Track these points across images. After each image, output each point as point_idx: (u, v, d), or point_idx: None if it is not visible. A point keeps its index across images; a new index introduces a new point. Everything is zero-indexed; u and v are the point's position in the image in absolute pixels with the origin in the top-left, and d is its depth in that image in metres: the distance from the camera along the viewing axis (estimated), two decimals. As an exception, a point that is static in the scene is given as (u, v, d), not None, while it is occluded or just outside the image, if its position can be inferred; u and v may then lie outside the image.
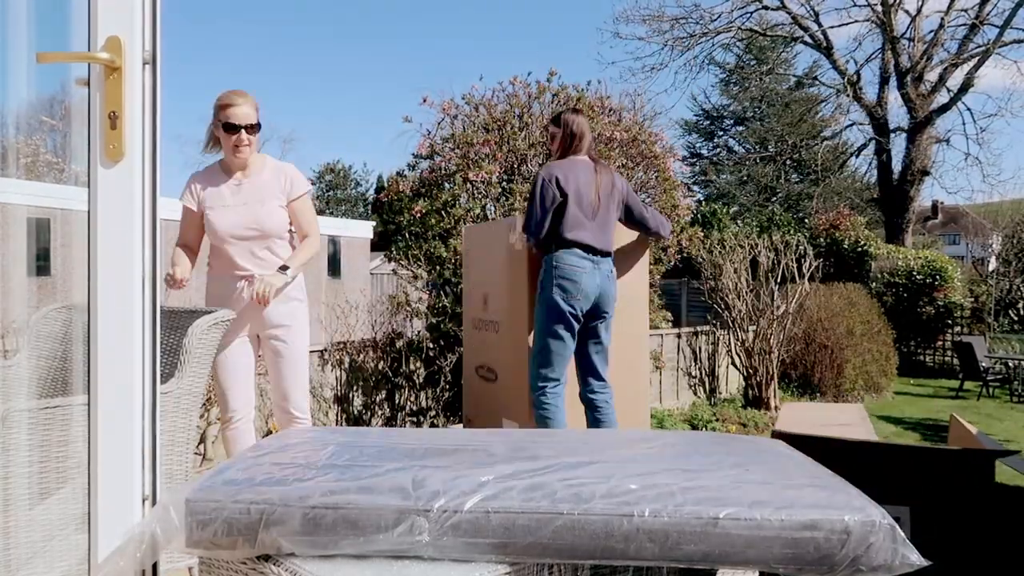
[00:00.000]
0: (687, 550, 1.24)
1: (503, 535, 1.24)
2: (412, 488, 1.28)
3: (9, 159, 1.93)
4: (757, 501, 1.27)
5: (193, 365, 2.20)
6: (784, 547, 1.22)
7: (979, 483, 2.12)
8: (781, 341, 7.53)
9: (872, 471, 2.20)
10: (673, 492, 1.30)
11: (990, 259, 18.83)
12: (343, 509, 1.24)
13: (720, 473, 1.41)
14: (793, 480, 1.38)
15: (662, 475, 1.38)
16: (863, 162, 25.03)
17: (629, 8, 33.72)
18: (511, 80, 5.95)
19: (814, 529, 1.22)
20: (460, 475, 1.34)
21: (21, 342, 2.30)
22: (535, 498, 1.27)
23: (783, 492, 1.31)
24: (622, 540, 1.24)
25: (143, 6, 1.36)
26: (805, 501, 1.27)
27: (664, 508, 1.26)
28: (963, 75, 17.60)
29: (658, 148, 6.24)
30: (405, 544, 1.22)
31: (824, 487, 1.34)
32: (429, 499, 1.25)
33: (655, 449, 1.60)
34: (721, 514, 1.25)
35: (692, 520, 1.24)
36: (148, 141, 1.39)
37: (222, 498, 1.28)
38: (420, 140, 6.13)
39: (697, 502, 1.27)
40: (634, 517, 1.25)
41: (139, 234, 1.38)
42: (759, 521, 1.23)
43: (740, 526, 1.23)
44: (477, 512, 1.24)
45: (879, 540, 1.21)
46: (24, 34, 1.57)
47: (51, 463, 1.74)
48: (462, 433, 1.80)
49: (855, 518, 1.22)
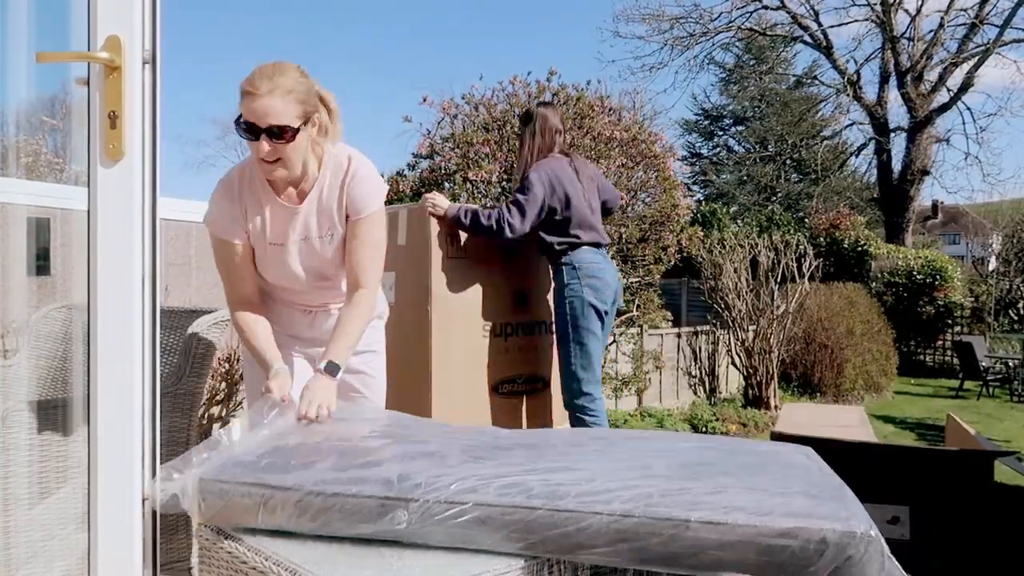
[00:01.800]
0: (658, 552, 1.23)
1: (477, 527, 1.29)
2: (397, 480, 1.36)
3: (10, 159, 1.93)
4: (734, 507, 1.26)
5: (193, 365, 2.20)
6: (759, 554, 1.21)
7: (978, 483, 2.13)
8: (781, 341, 7.53)
9: (872, 471, 2.20)
10: (651, 494, 1.30)
11: (990, 259, 18.84)
12: (332, 498, 1.33)
13: (711, 479, 1.40)
14: (787, 488, 1.36)
15: (649, 479, 1.38)
16: (863, 162, 25.06)
17: (629, 7, 33.72)
18: (511, 80, 5.95)
19: (790, 538, 1.20)
20: (445, 472, 1.39)
21: (21, 342, 2.30)
22: (511, 493, 1.31)
23: (768, 500, 1.29)
24: (593, 537, 1.25)
25: (143, 6, 1.36)
26: (785, 509, 1.25)
27: (635, 508, 1.26)
28: (963, 74, 17.61)
29: (658, 148, 6.24)
30: (384, 530, 1.32)
31: (815, 497, 1.32)
32: (409, 491, 1.33)
33: (661, 454, 1.59)
34: (693, 517, 1.23)
35: (662, 522, 1.23)
36: (148, 141, 1.39)
37: (228, 479, 1.39)
38: (420, 140, 6.13)
39: (671, 505, 1.26)
40: (603, 515, 1.25)
41: (139, 234, 1.38)
42: (731, 526, 1.22)
43: (712, 530, 1.22)
44: (454, 504, 1.30)
45: (859, 552, 1.19)
46: (24, 34, 1.57)
47: (51, 463, 1.75)
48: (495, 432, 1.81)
49: (834, 528, 1.20)
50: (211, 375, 4.33)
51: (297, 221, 1.89)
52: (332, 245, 1.93)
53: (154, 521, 1.42)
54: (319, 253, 1.93)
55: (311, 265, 1.94)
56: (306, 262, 1.93)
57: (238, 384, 4.69)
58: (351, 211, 1.91)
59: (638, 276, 6.26)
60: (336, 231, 1.92)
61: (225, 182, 1.90)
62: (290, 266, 1.92)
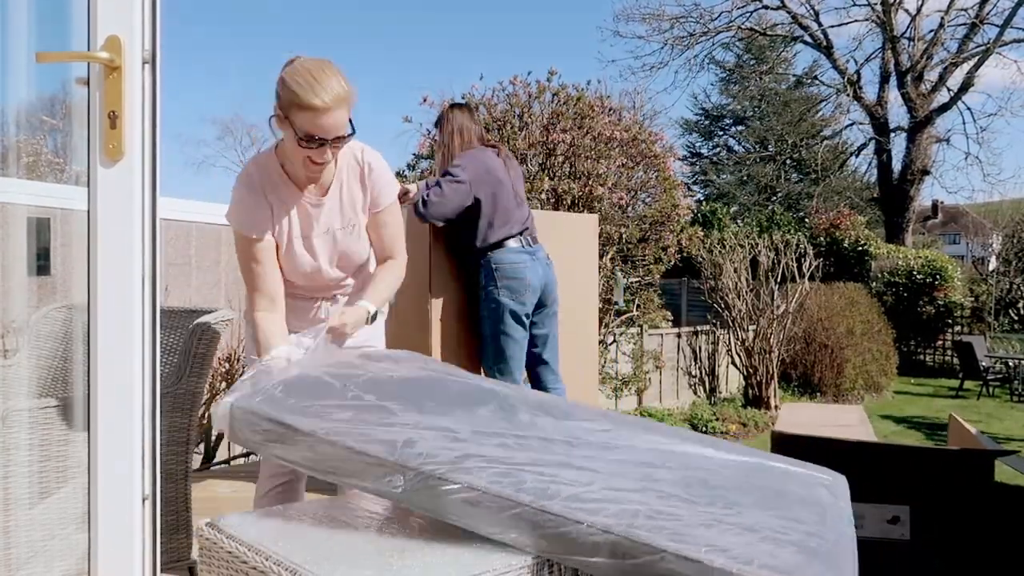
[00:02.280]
0: (630, 574, 1.21)
1: (463, 510, 1.32)
2: (400, 446, 1.40)
3: (10, 159, 1.93)
4: (717, 547, 1.21)
5: (193, 365, 2.20)
6: None
7: (979, 483, 2.13)
8: (781, 340, 7.53)
9: (872, 471, 2.20)
10: (638, 512, 1.27)
11: (990, 259, 18.83)
12: (337, 448, 1.41)
13: (709, 508, 1.34)
14: (784, 534, 1.29)
15: (646, 492, 1.35)
16: (863, 162, 25.06)
17: (629, 6, 33.69)
18: (511, 80, 5.95)
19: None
20: (448, 446, 1.41)
21: (21, 342, 2.30)
22: (502, 483, 1.32)
23: (756, 545, 1.23)
24: (570, 545, 1.25)
25: (143, 6, 1.36)
26: (770, 561, 1.19)
27: (617, 525, 1.23)
28: (963, 74, 17.63)
29: (658, 148, 6.24)
30: (382, 489, 1.38)
31: (808, 552, 1.25)
32: (409, 459, 1.37)
33: (675, 463, 1.53)
34: (670, 549, 1.20)
35: (638, 546, 1.21)
36: (148, 140, 1.39)
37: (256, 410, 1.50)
38: (420, 140, 6.13)
39: (654, 530, 1.23)
40: (583, 525, 1.24)
41: (139, 234, 1.38)
42: (706, 567, 1.17)
43: (686, 566, 1.18)
44: (446, 481, 1.33)
45: None
46: (24, 34, 1.57)
47: (51, 463, 1.75)
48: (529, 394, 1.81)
49: None
50: (211, 375, 4.33)
51: (321, 215, 1.95)
52: (353, 235, 2.00)
53: (154, 521, 1.42)
54: (340, 244, 1.99)
55: (331, 256, 2.01)
56: (328, 253, 1.99)
57: (238, 384, 4.69)
58: (374, 204, 2.00)
59: (638, 276, 6.27)
60: (358, 222, 2.00)
61: (246, 181, 1.91)
62: (312, 258, 1.97)
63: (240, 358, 4.67)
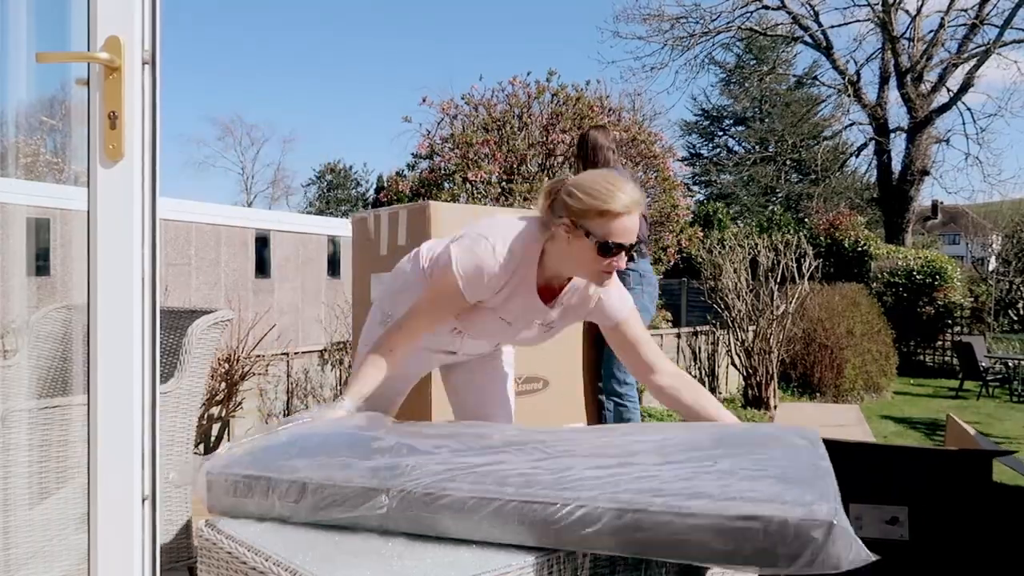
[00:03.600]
0: (622, 537, 1.24)
1: (452, 515, 1.33)
2: (383, 469, 1.42)
3: (9, 159, 1.93)
4: (700, 492, 1.25)
5: (193, 365, 2.20)
6: (721, 540, 1.20)
7: (977, 483, 2.13)
8: (781, 341, 7.53)
9: (870, 471, 2.20)
10: (618, 482, 1.30)
11: (990, 259, 18.84)
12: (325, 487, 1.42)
13: (688, 464, 1.39)
14: (762, 471, 1.34)
15: (627, 467, 1.38)
16: (863, 162, 25.09)
17: (629, 7, 33.69)
18: (511, 80, 5.96)
19: (751, 522, 1.19)
20: (431, 468, 1.42)
21: (21, 342, 2.30)
22: (484, 482, 1.34)
23: (736, 484, 1.28)
24: (559, 525, 1.27)
25: (143, 6, 1.36)
26: (750, 494, 1.23)
27: (600, 496, 1.27)
28: (963, 75, 17.64)
29: (658, 148, 6.25)
30: (370, 516, 1.38)
31: (786, 481, 1.29)
32: (391, 480, 1.38)
33: (650, 442, 1.58)
34: (655, 504, 1.23)
35: (625, 508, 1.24)
36: (148, 141, 1.39)
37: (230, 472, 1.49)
38: (420, 140, 6.15)
39: (636, 492, 1.27)
40: (570, 504, 1.26)
41: (139, 234, 1.38)
42: (693, 512, 1.21)
43: (674, 516, 1.22)
44: (431, 493, 1.34)
45: (821, 537, 1.16)
46: (24, 34, 1.57)
47: (51, 463, 1.75)
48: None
49: (795, 513, 1.18)
50: (211, 375, 4.33)
51: (537, 315, 1.87)
52: (548, 335, 1.96)
53: (154, 521, 1.42)
54: (531, 336, 1.94)
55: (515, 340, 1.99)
56: (514, 338, 1.96)
57: (238, 384, 4.70)
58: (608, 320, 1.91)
59: (638, 276, 6.26)
60: (558, 328, 1.96)
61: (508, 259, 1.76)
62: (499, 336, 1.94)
63: (240, 358, 4.67)
